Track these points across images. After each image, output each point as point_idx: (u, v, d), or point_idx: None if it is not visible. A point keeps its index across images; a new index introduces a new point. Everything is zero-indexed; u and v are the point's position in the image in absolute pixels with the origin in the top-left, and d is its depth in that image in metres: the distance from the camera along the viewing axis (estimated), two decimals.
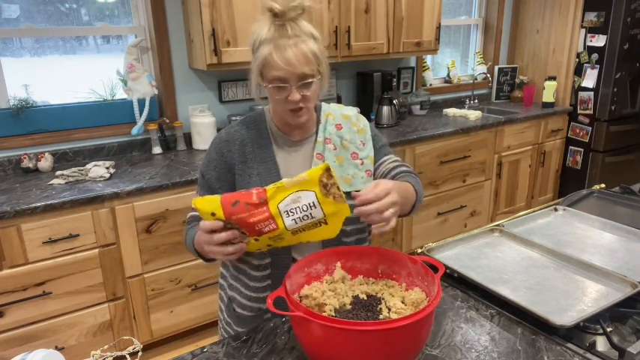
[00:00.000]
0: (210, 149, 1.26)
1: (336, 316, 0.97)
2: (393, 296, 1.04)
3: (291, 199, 0.97)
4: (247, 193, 0.99)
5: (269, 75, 1.11)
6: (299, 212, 0.97)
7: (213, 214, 0.98)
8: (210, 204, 0.98)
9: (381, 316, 0.98)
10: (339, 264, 1.11)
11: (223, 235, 0.98)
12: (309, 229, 1.00)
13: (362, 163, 1.26)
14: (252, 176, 1.21)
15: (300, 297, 1.03)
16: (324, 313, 0.97)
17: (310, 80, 1.12)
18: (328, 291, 1.03)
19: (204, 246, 1.03)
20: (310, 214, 0.97)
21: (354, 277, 1.12)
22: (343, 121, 1.29)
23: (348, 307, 1.01)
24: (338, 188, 0.97)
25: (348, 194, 1.21)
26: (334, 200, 0.97)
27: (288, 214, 0.97)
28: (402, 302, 1.01)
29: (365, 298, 1.04)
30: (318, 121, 1.29)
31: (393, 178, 1.26)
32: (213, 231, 0.99)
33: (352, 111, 1.34)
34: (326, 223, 1.00)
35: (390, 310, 1.00)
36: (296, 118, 1.18)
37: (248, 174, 1.21)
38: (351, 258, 1.13)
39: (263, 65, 1.11)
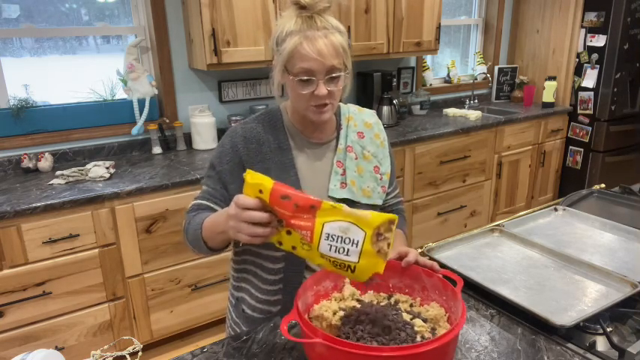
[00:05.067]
0: (225, 142, 1.19)
1: (347, 330, 0.92)
2: (407, 312, 0.99)
3: (340, 227, 0.89)
4: (302, 196, 0.89)
5: (295, 68, 1.06)
6: (339, 242, 0.89)
7: (260, 192, 0.89)
8: (262, 181, 0.89)
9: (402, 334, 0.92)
10: (347, 280, 1.06)
11: (261, 215, 0.88)
12: (335, 264, 0.92)
13: (381, 179, 1.25)
14: (270, 177, 1.16)
15: (311, 318, 0.97)
16: (334, 321, 0.94)
17: (338, 74, 1.09)
18: (340, 310, 0.98)
19: (229, 220, 0.92)
20: (348, 250, 0.89)
21: (363, 292, 1.07)
22: (365, 129, 1.26)
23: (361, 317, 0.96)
24: (388, 245, 0.89)
25: (367, 206, 1.20)
26: (377, 253, 0.89)
27: (328, 237, 0.89)
28: (417, 317, 0.96)
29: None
30: (339, 126, 1.25)
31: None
32: (248, 209, 0.89)
33: (373, 118, 1.31)
34: (353, 272, 0.91)
35: (412, 316, 0.96)
36: (319, 115, 1.12)
37: (265, 174, 1.14)
38: None
39: (289, 58, 1.06)
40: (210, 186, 1.18)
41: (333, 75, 1.08)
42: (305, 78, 1.06)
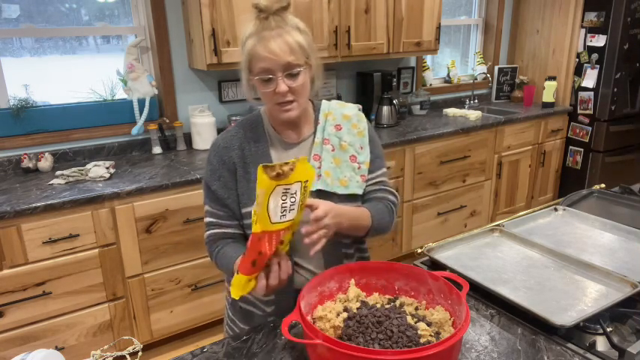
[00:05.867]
0: (211, 158, 1.24)
1: (350, 332, 0.92)
2: (412, 315, 0.99)
3: (276, 202, 0.95)
4: (260, 252, 0.97)
5: (255, 68, 1.12)
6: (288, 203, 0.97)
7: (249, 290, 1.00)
8: (241, 286, 1.00)
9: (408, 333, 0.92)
10: (352, 281, 1.06)
11: (263, 286, 1.01)
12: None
13: (359, 167, 1.26)
14: (251, 181, 1.20)
15: (314, 319, 0.97)
16: (337, 322, 0.93)
17: (296, 70, 1.11)
18: (343, 312, 0.98)
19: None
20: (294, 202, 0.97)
21: (369, 294, 1.06)
22: (343, 121, 1.28)
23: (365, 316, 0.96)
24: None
25: (344, 196, 1.22)
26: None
27: (281, 213, 0.96)
28: (422, 321, 0.96)
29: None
30: (317, 122, 1.27)
31: (365, 201, 1.28)
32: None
33: (353, 110, 1.32)
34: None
35: (416, 319, 0.95)
36: (284, 113, 1.16)
37: (247, 179, 1.21)
38: (366, 274, 1.07)
39: (249, 60, 1.12)
40: (213, 207, 1.24)
41: (292, 72, 1.11)
42: (264, 77, 1.11)
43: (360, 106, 1.37)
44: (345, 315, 0.96)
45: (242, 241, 1.25)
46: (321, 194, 1.21)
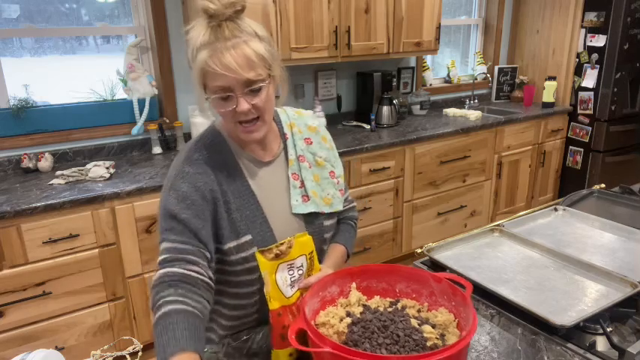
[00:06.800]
0: (177, 185, 1.02)
1: (355, 337, 0.90)
2: (415, 318, 0.97)
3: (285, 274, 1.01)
4: (284, 325, 0.99)
5: (210, 86, 0.97)
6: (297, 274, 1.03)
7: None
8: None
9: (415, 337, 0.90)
10: (354, 285, 1.04)
11: None
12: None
13: (338, 182, 1.22)
14: (232, 212, 1.06)
15: (317, 325, 0.95)
16: (341, 328, 0.92)
17: (258, 86, 0.98)
18: (346, 317, 0.95)
19: None
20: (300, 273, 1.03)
21: (369, 297, 1.05)
22: (311, 134, 1.20)
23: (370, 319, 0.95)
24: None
25: (329, 215, 1.19)
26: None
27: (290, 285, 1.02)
28: (426, 323, 0.94)
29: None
30: (284, 135, 1.18)
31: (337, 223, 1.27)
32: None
33: (314, 120, 1.24)
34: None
35: (420, 322, 0.94)
36: (249, 134, 1.03)
37: (227, 210, 1.06)
38: (367, 277, 1.05)
39: (202, 75, 0.97)
40: (177, 242, 0.97)
41: (252, 88, 0.98)
42: (222, 95, 0.97)
43: (313, 112, 1.34)
44: (348, 320, 0.94)
45: (204, 295, 0.95)
46: (310, 215, 1.16)
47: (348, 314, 0.97)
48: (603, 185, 1.91)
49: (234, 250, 1.06)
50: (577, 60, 3.84)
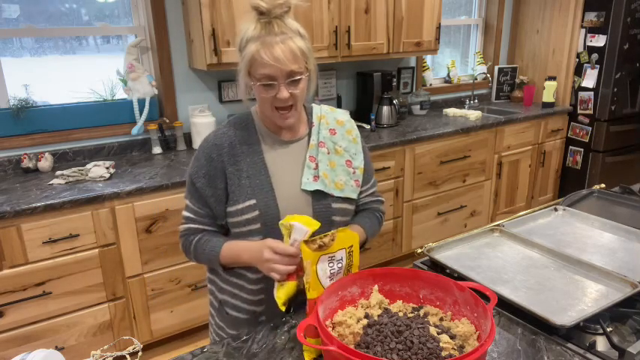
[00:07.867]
0: (199, 154, 1.23)
1: (368, 340, 0.89)
2: (435, 326, 0.95)
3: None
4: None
5: (257, 73, 1.11)
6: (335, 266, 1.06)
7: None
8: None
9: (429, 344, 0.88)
10: (376, 287, 1.03)
11: (289, 268, 1.07)
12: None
13: (354, 172, 1.28)
14: (242, 179, 1.19)
15: (334, 324, 0.95)
16: (357, 329, 0.91)
17: (299, 77, 1.12)
18: (364, 318, 0.95)
19: (265, 263, 1.08)
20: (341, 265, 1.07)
21: (392, 301, 1.04)
22: (337, 126, 1.30)
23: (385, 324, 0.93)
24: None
25: (340, 199, 1.25)
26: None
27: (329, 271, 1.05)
28: (446, 332, 0.92)
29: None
30: (311, 124, 1.28)
31: (359, 211, 1.35)
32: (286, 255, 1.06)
33: (345, 116, 1.34)
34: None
35: (439, 330, 0.92)
36: (284, 120, 1.17)
37: (238, 176, 1.20)
38: (390, 281, 1.04)
39: (251, 63, 1.11)
40: (194, 205, 1.23)
41: (294, 79, 1.12)
42: (267, 82, 1.11)
43: (348, 111, 1.39)
44: (365, 322, 0.94)
45: (220, 232, 1.26)
46: (318, 194, 1.22)
47: (366, 316, 0.96)
48: (603, 185, 1.91)
49: (239, 212, 1.19)
50: (577, 60, 3.84)
